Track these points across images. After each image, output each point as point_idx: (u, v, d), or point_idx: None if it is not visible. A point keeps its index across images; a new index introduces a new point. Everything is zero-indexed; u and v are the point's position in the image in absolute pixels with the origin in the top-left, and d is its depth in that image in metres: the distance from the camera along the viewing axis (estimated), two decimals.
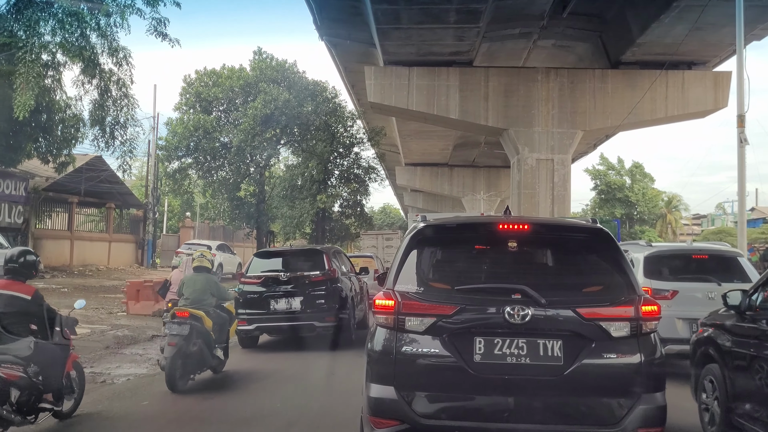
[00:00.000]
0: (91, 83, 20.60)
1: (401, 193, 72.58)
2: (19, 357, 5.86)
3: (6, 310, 6.11)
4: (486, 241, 5.15)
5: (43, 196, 28.13)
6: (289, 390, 8.62)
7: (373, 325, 4.94)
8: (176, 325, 8.23)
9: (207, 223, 45.36)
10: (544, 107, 25.49)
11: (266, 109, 29.93)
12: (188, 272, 10.31)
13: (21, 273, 6.41)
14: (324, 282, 12.04)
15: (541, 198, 24.90)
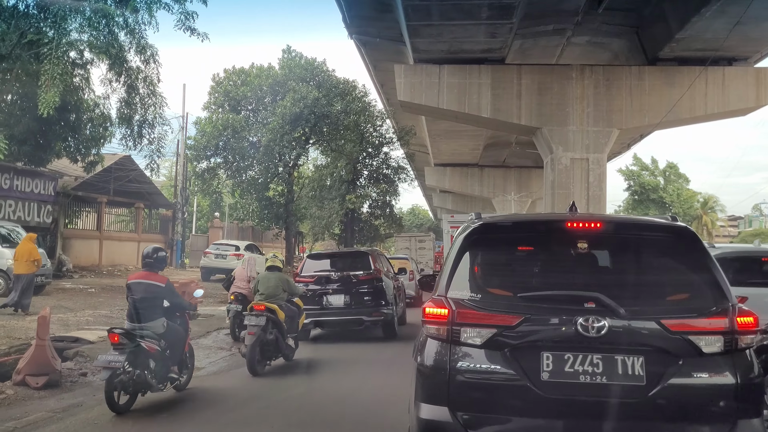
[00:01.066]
0: (119, 81, 20.43)
1: (430, 194, 72.29)
2: (156, 333, 7.38)
3: (145, 296, 7.52)
4: (552, 242, 4.57)
5: (72, 196, 28.11)
6: (355, 372, 10.18)
7: (421, 336, 4.43)
8: (254, 317, 9.49)
9: (236, 223, 45.13)
10: (578, 105, 24.85)
11: (295, 108, 29.56)
12: (249, 269, 13.20)
13: (155, 266, 7.85)
14: (370, 281, 13.45)
15: (576, 198, 23.40)
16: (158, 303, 7.64)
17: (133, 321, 7.49)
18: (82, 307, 15.94)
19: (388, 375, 9.63)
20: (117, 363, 6.86)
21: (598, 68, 25.26)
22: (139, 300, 7.52)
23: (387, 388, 8.36)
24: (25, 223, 23.23)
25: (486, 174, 52.08)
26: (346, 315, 13.25)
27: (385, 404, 7.56)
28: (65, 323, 12.58)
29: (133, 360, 7.01)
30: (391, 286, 14.41)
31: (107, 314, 14.50)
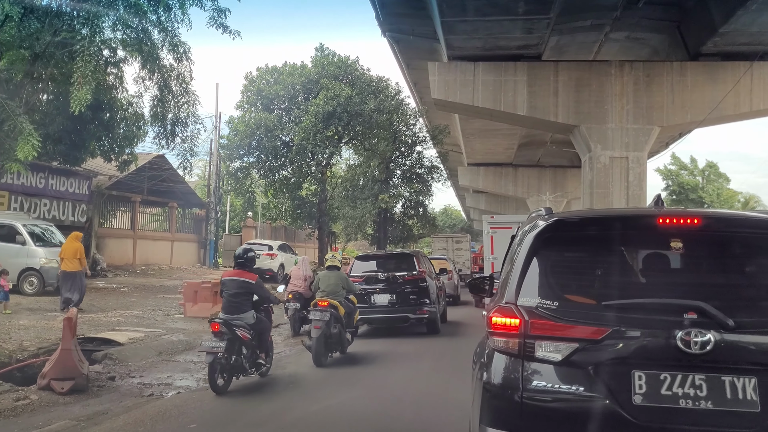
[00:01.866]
0: (152, 79, 20.31)
1: (463, 195, 72.06)
2: (247, 324, 8.46)
3: (238, 290, 8.56)
4: (641, 241, 3.98)
5: (106, 195, 28.15)
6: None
7: (486, 349, 3.90)
8: (319, 312, 10.19)
9: (269, 223, 45.02)
10: (617, 102, 24.32)
11: (328, 106, 29.31)
12: (304, 269, 14.19)
13: (246, 265, 8.95)
14: (415, 281, 14.34)
15: (615, 198, 23.64)
16: (249, 297, 8.74)
17: (228, 313, 8.51)
18: (114, 306, 15.80)
19: (438, 366, 10.73)
20: (218, 348, 7.88)
21: (638, 64, 24.78)
22: (232, 294, 8.60)
23: (439, 377, 9.60)
24: (59, 222, 23.34)
25: (520, 174, 51.61)
26: (393, 313, 14.15)
27: (438, 391, 8.47)
28: (96, 324, 12.38)
29: (230, 347, 8.07)
30: (434, 285, 15.29)
31: (138, 314, 14.31)
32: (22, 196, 22.77)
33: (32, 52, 18.66)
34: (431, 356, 11.84)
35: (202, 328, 12.84)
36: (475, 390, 3.91)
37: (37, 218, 22.22)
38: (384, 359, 11.36)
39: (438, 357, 11.73)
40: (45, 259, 16.85)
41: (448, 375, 9.26)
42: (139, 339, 10.79)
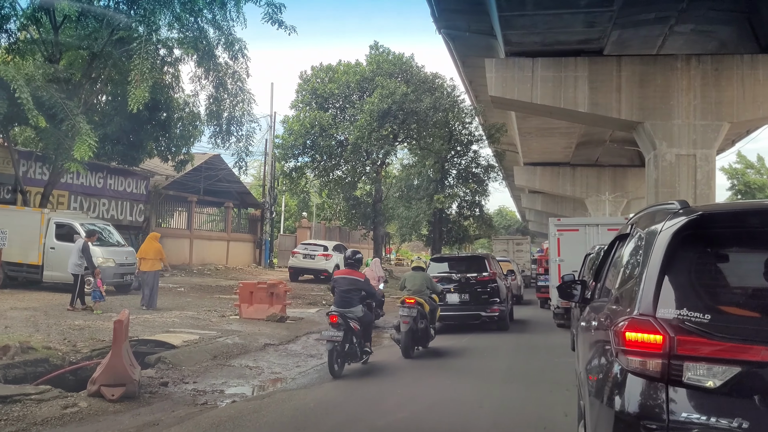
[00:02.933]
0: (207, 78, 20.25)
1: (518, 195, 71.47)
2: (356, 317, 9.54)
3: (349, 287, 9.67)
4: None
5: (163, 195, 28.36)
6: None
7: (612, 368, 3.31)
8: (407, 308, 11.04)
9: (323, 223, 44.93)
10: (684, 98, 23.56)
11: (383, 104, 28.81)
12: (377, 270, 15.41)
13: (355, 265, 10.30)
14: (488, 281, 15.36)
15: (682, 197, 21.99)
16: (358, 293, 9.78)
17: (340, 307, 9.56)
18: (170, 307, 15.59)
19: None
20: (336, 337, 9.03)
21: (706, 58, 23.95)
22: (344, 290, 9.66)
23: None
24: (117, 221, 23.56)
25: (578, 173, 51.20)
26: (466, 311, 15.09)
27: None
28: (150, 325, 12.11)
29: (345, 336, 9.18)
30: (504, 286, 16.50)
31: (193, 315, 14.02)
32: (81, 196, 23.08)
33: (90, 52, 18.85)
34: (505, 350, 12.84)
35: (257, 331, 12.51)
36: (597, 415, 3.34)
37: (96, 218, 22.41)
38: (464, 352, 12.33)
39: (511, 350, 12.76)
40: (102, 259, 16.81)
41: (524, 365, 10.45)
42: (193, 341, 10.46)
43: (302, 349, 11.62)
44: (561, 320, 16.10)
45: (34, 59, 19.23)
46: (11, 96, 15.60)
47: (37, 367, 8.34)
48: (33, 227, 17.57)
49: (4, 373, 7.50)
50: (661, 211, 3.65)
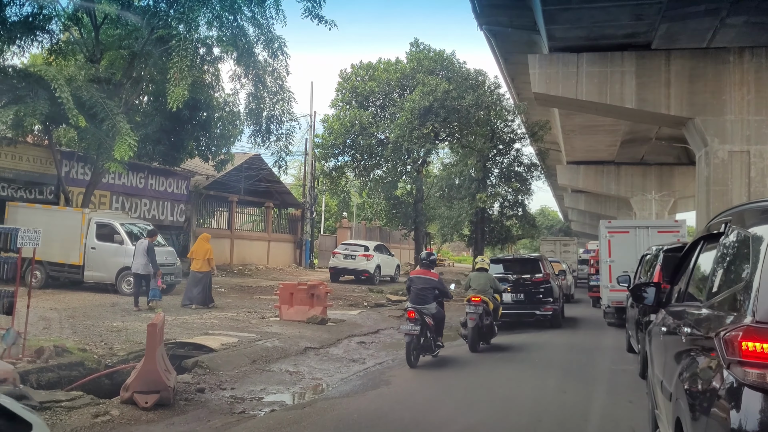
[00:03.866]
0: (247, 76, 19.95)
1: (561, 195, 70.88)
2: (430, 312, 10.36)
3: (424, 286, 10.54)
4: None
5: (204, 195, 28.30)
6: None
7: (720, 379, 2.96)
8: (473, 306, 11.79)
9: (363, 223, 44.60)
10: (737, 92, 23.03)
11: (424, 102, 28.24)
12: None
13: (430, 266, 11.14)
14: (542, 282, 16.22)
15: (735, 196, 22.22)
16: (432, 291, 10.62)
17: (416, 303, 10.35)
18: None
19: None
20: (414, 331, 9.84)
21: (760, 50, 23.26)
22: (420, 289, 10.53)
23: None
24: (159, 221, 23.49)
25: (623, 172, 50.73)
26: (521, 309, 15.88)
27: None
28: (189, 326, 11.82)
29: (421, 330, 10.02)
30: (557, 286, 17.38)
31: (233, 317, 13.72)
32: (123, 196, 23.10)
33: (130, 51, 18.77)
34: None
35: (298, 333, 12.14)
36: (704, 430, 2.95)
37: (137, 218, 22.37)
38: (523, 350, 12.86)
39: (566, 349, 13.29)
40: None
41: (581, 370, 10.68)
42: (231, 344, 10.11)
43: (344, 353, 11.25)
44: (612, 319, 16.73)
45: (76, 59, 19.41)
46: (52, 96, 15.59)
47: (71, 371, 8.04)
48: (74, 227, 17.53)
49: (37, 377, 7.25)
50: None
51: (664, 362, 4.50)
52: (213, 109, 22.22)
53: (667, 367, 4.36)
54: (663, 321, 5.06)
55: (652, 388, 5.27)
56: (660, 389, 4.55)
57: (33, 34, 18.08)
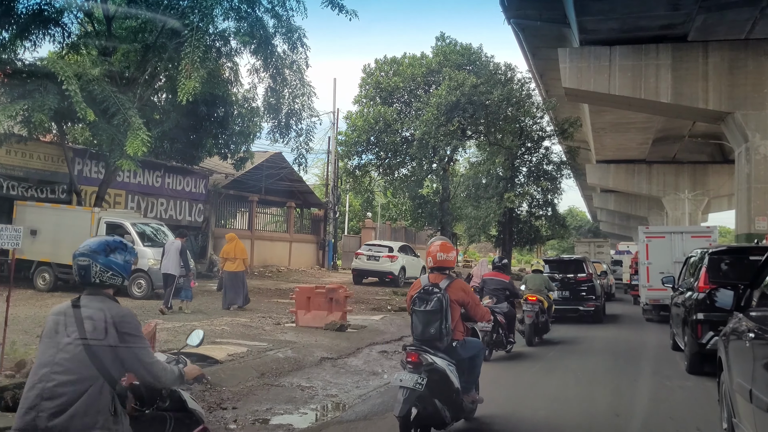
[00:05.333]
0: (266, 70, 19.06)
1: (589, 195, 70.62)
2: (502, 311, 11.16)
3: (497, 287, 11.38)
4: None
5: (224, 195, 27.52)
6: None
7: None
8: (530, 305, 12.76)
9: (388, 224, 43.65)
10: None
11: (451, 97, 27.13)
12: (483, 269, 15.54)
13: (502, 269, 12.20)
14: (585, 281, 18.28)
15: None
16: (504, 292, 11.45)
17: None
18: (222, 312, 14.55)
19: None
20: (487, 328, 9.85)
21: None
22: (492, 290, 11.32)
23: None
24: (176, 222, 22.82)
25: (655, 171, 49.96)
26: (566, 305, 17.60)
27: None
28: None
29: (494, 327, 10.54)
30: (599, 284, 19.22)
31: (246, 323, 12.76)
32: (138, 195, 22.38)
33: (143, 44, 18.07)
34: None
35: (314, 341, 11.15)
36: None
37: (153, 218, 21.72)
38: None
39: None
40: (153, 260, 16.00)
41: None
42: (240, 355, 9.20)
43: (364, 364, 10.19)
44: (650, 315, 18.98)
45: (89, 54, 18.75)
46: (62, 91, 14.95)
47: None
48: (83, 227, 16.79)
49: (13, 395, 6.45)
50: None
51: (753, 369, 4.35)
52: (231, 106, 21.44)
53: (757, 374, 4.25)
54: (746, 326, 4.87)
55: (727, 395, 5.14)
56: (748, 397, 4.36)
57: (45, 27, 17.52)
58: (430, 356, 5.77)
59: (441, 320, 5.93)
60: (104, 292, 3.46)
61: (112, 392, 3.28)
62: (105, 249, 3.48)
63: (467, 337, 6.48)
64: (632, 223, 68.96)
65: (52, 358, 3.27)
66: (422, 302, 6.09)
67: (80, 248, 3.47)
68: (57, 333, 3.32)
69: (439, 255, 6.40)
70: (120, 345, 3.30)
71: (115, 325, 3.31)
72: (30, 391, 3.23)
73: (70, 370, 3.23)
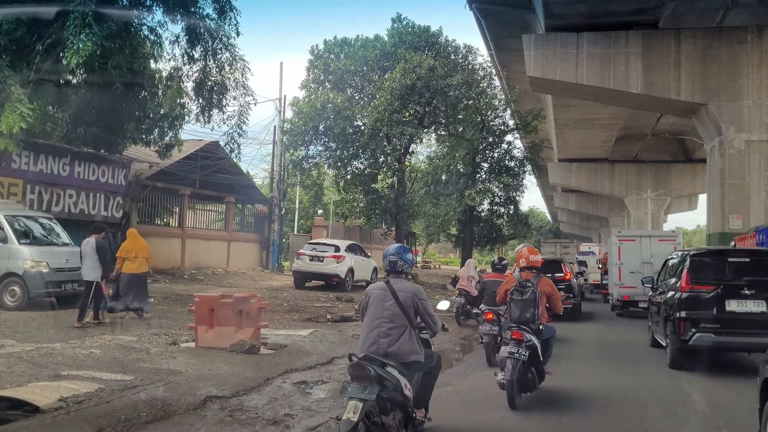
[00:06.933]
0: (190, 42, 16.05)
1: (550, 195, 72.17)
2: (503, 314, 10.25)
3: (493, 288, 10.70)
4: None
5: (150, 187, 24.11)
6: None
7: None
8: None
9: (342, 222, 41.06)
10: (755, 74, 21.46)
11: (406, 80, 24.72)
12: (470, 270, 16.80)
13: (502, 270, 12.55)
14: (563, 280, 18.69)
15: (753, 190, 21.14)
16: None
17: (491, 305, 10.74)
18: (108, 327, 11.76)
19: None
20: (494, 331, 10.31)
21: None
22: (494, 292, 10.06)
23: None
24: (89, 217, 19.62)
25: (617, 170, 49.91)
26: None
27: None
28: (49, 361, 8.05)
29: (500, 330, 10.01)
30: (576, 284, 20.39)
31: (128, 343, 9.79)
32: (40, 186, 18.82)
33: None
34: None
35: (207, 371, 8.27)
36: None
37: (60, 212, 18.66)
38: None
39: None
40: (31, 262, 13.22)
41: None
42: (78, 398, 6.32)
43: (266, 405, 7.13)
44: (620, 311, 20.39)
45: None
46: None
47: None
48: None
49: None
50: None
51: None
52: (154, 84, 18.41)
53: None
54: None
55: None
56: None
57: None
58: (528, 335, 7.57)
59: (535, 307, 7.83)
60: None
61: None
62: None
63: (547, 324, 8.33)
64: (592, 224, 69.60)
65: None
66: (519, 293, 7.96)
67: None
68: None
69: (531, 257, 8.61)
70: None
71: None
72: None
73: None
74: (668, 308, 10.57)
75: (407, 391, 5.35)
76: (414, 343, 5.48)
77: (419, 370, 5.69)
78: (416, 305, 5.53)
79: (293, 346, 10.51)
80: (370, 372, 5.00)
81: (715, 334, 9.46)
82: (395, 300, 5.47)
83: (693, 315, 9.69)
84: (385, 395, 5.08)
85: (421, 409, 5.86)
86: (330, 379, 8.74)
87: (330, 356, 10.09)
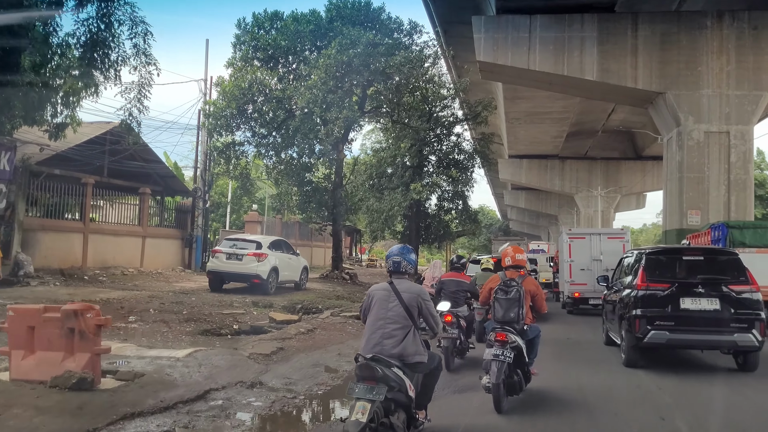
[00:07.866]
0: None
1: (500, 192, 72.85)
2: (463, 315, 10.64)
3: (457, 289, 10.83)
4: None
5: (44, 174, 20.69)
6: None
7: None
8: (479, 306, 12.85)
9: (278, 217, 38.47)
10: (715, 62, 20.73)
11: (342, 56, 22.26)
12: (435, 272, 17.54)
13: (460, 269, 11.66)
14: None
15: (712, 184, 20.49)
16: (465, 294, 10.86)
17: (451, 307, 9.91)
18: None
19: None
20: (453, 334, 9.93)
21: (742, 14, 20.76)
22: (453, 292, 10.68)
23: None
24: None
25: (568, 167, 49.87)
26: None
27: None
28: None
29: (459, 332, 10.17)
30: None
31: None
32: None
33: None
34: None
35: (21, 412, 5.70)
36: None
37: None
38: None
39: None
40: None
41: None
42: None
43: None
44: (570, 308, 20.03)
45: None
46: None
47: None
48: None
49: None
50: None
51: None
52: (40, 50, 15.47)
53: None
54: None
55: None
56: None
57: None
58: (513, 335, 7.45)
59: (519, 307, 7.70)
60: None
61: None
62: None
63: (532, 324, 8.19)
64: (542, 221, 69.88)
65: None
66: (504, 292, 7.82)
67: None
68: None
69: (518, 256, 8.49)
70: None
71: None
72: None
73: None
74: (624, 306, 10.64)
75: (411, 392, 5.41)
76: (418, 344, 5.51)
77: (422, 371, 5.69)
78: (420, 306, 5.53)
79: (154, 375, 7.76)
80: (378, 372, 5.08)
81: (670, 331, 9.54)
82: (399, 301, 5.49)
83: (648, 313, 9.78)
84: (390, 396, 5.14)
85: (421, 410, 5.96)
86: (190, 426, 6.11)
87: (204, 388, 7.40)
